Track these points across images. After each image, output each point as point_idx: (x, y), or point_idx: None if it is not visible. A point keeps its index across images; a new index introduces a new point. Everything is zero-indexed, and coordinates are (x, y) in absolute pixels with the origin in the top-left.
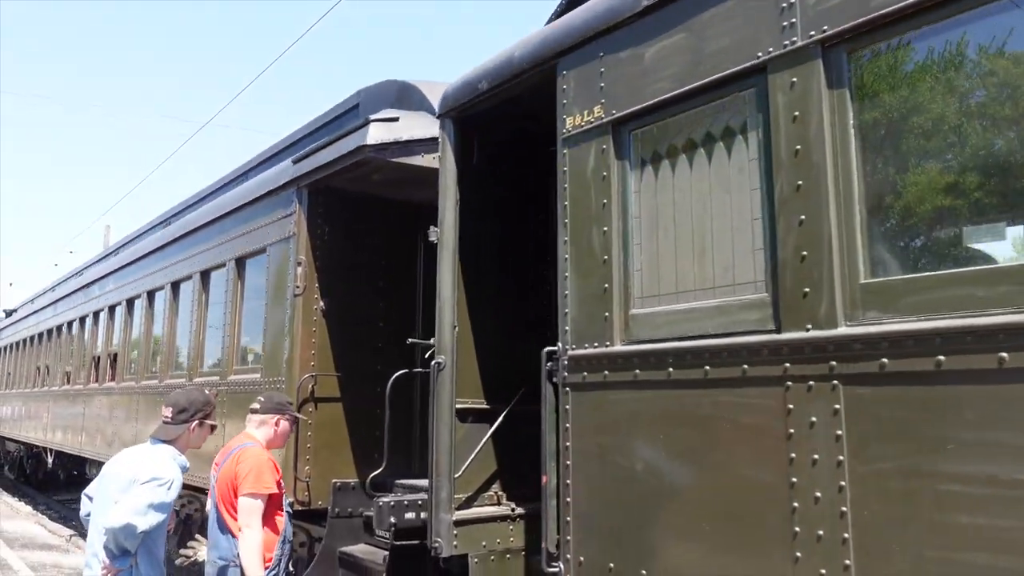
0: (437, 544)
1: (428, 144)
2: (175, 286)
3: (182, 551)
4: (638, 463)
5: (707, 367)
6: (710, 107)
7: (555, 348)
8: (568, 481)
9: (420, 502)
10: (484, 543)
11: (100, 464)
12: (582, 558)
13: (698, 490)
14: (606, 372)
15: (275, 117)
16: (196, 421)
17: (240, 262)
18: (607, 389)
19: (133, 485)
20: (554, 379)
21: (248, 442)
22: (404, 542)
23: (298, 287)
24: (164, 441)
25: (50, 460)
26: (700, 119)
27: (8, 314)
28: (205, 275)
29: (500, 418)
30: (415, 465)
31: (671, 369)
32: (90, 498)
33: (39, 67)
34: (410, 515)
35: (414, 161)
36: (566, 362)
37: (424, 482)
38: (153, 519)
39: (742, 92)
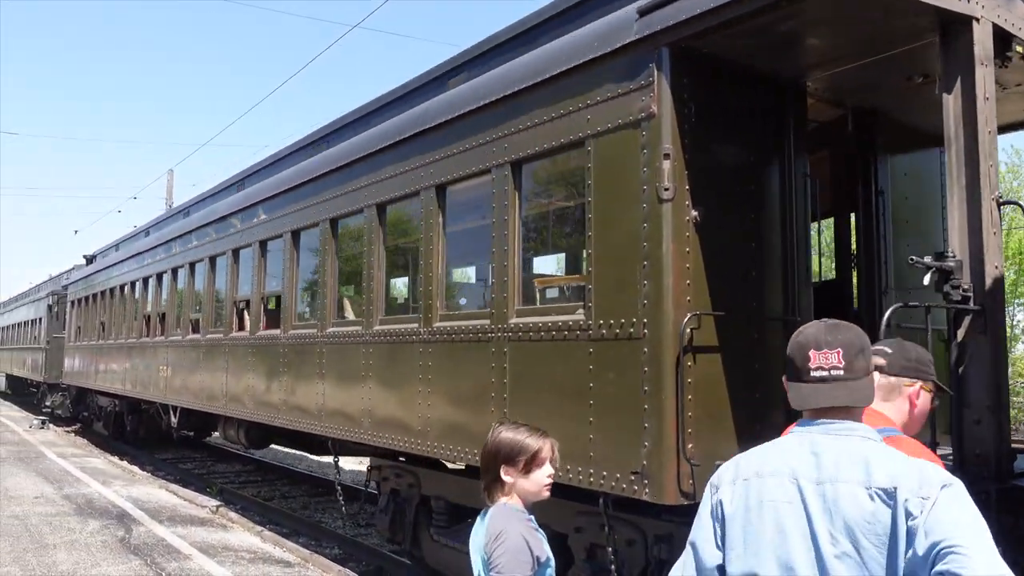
0: None
1: None
2: (380, 208)
3: None
4: None
5: None
6: None
7: None
8: None
9: None
10: None
11: (257, 427)
12: None
13: None
14: None
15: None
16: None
17: (517, 167)
18: None
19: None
20: None
21: (884, 427)
22: None
23: (666, 189)
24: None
25: (174, 419)
26: None
27: (89, 260)
28: (441, 190)
29: None
30: None
31: None
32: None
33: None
34: None
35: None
36: None
37: None
38: None
39: None
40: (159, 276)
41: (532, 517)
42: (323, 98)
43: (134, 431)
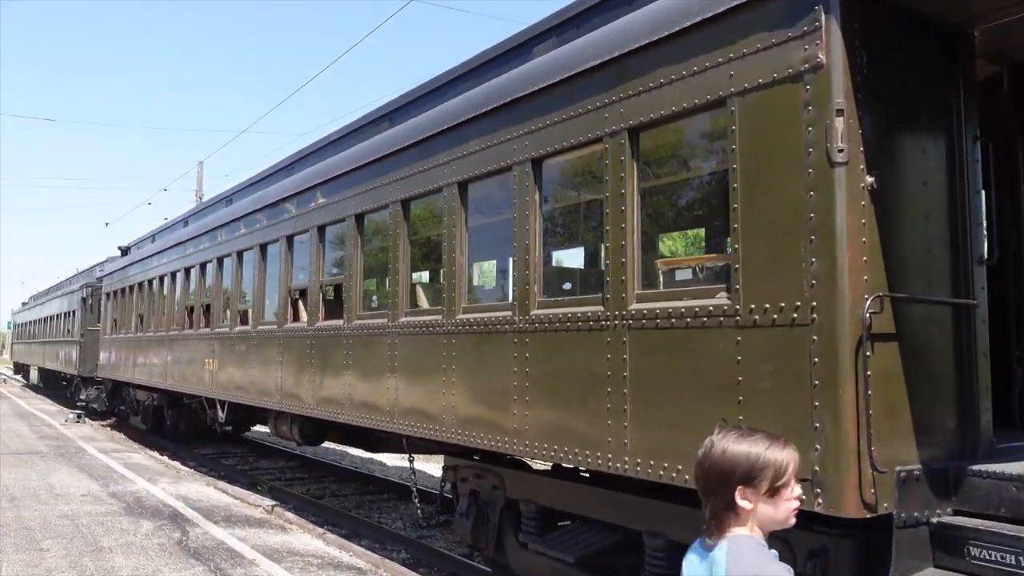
0: None
1: None
2: (462, 187)
3: None
4: None
5: None
6: None
7: None
8: None
9: None
10: None
11: (312, 423)
12: None
13: None
14: None
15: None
16: None
17: (635, 133)
18: None
19: None
20: None
21: None
22: None
23: (840, 151)
24: None
25: (221, 414)
26: None
27: (124, 252)
28: (537, 164)
29: None
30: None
31: None
32: None
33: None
34: None
35: None
36: None
37: None
38: None
39: None
40: (203, 266)
41: (776, 553)
42: (358, 88)
43: (174, 426)
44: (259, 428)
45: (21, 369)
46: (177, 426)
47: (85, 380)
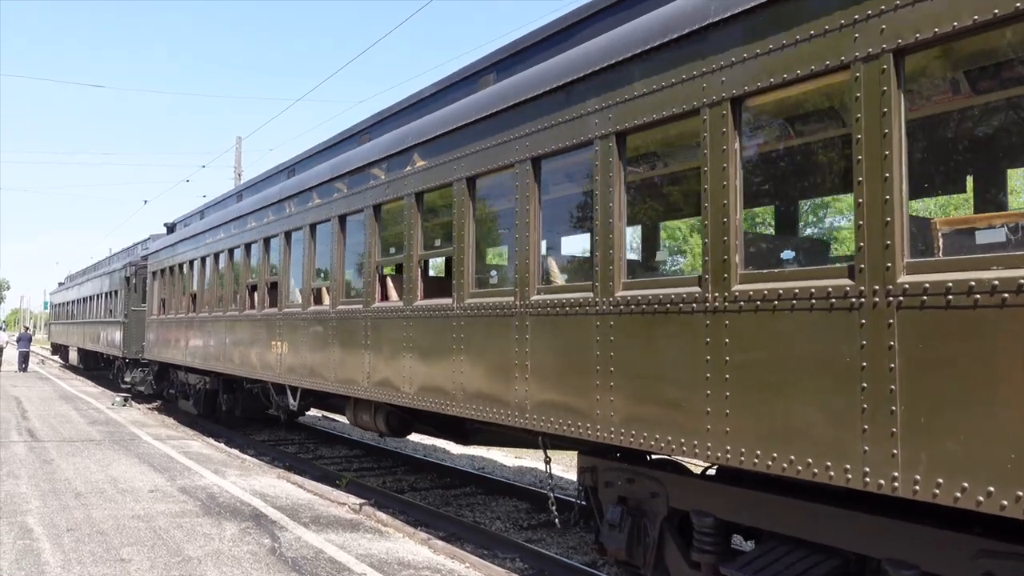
0: None
1: None
2: (620, 137)
3: None
4: None
5: None
6: None
7: None
8: None
9: None
10: None
11: (400, 413)
12: None
13: None
14: None
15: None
16: None
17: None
18: None
19: None
20: None
21: None
22: None
23: None
24: None
25: (293, 401)
26: None
27: (170, 229)
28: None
29: None
30: None
31: None
32: None
33: None
34: None
35: None
36: None
37: None
38: None
39: None
40: (267, 241)
41: None
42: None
43: (230, 411)
44: (311, 413)
45: (59, 350)
46: (233, 412)
47: (129, 362)
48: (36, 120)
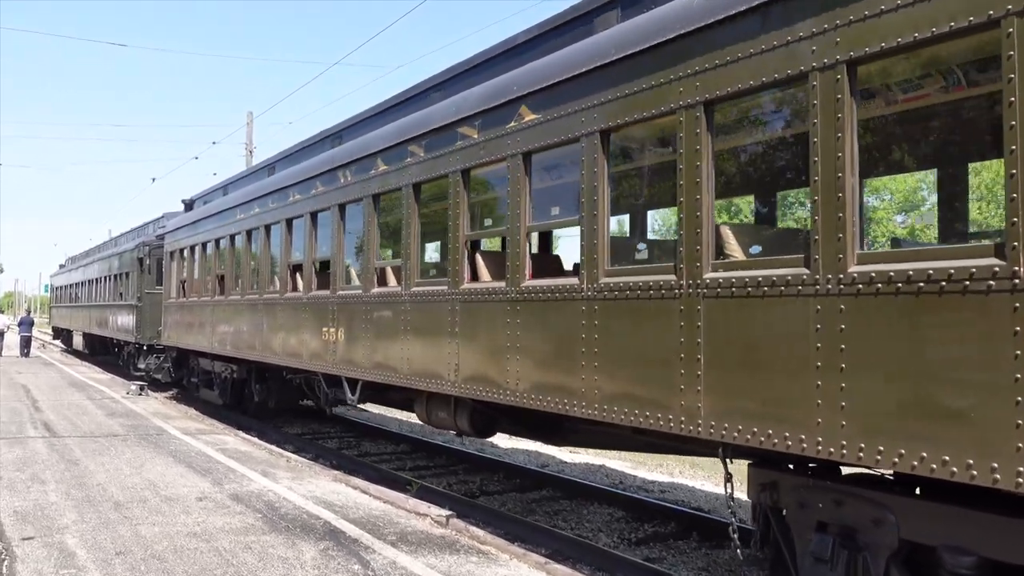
0: None
1: None
2: (708, 105)
3: None
4: None
5: None
6: None
7: None
8: None
9: None
10: None
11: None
12: None
13: None
14: None
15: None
16: None
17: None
18: None
19: None
20: None
21: None
22: None
23: None
24: None
25: (351, 394)
26: None
27: (188, 206)
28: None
29: None
30: None
31: None
32: None
33: None
34: None
35: None
36: None
37: None
38: None
39: None
40: (313, 215)
41: None
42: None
43: (261, 402)
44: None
45: (60, 334)
46: (265, 403)
47: (143, 348)
48: (53, 87)
